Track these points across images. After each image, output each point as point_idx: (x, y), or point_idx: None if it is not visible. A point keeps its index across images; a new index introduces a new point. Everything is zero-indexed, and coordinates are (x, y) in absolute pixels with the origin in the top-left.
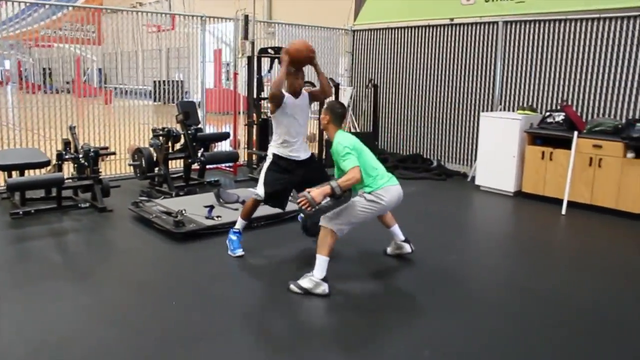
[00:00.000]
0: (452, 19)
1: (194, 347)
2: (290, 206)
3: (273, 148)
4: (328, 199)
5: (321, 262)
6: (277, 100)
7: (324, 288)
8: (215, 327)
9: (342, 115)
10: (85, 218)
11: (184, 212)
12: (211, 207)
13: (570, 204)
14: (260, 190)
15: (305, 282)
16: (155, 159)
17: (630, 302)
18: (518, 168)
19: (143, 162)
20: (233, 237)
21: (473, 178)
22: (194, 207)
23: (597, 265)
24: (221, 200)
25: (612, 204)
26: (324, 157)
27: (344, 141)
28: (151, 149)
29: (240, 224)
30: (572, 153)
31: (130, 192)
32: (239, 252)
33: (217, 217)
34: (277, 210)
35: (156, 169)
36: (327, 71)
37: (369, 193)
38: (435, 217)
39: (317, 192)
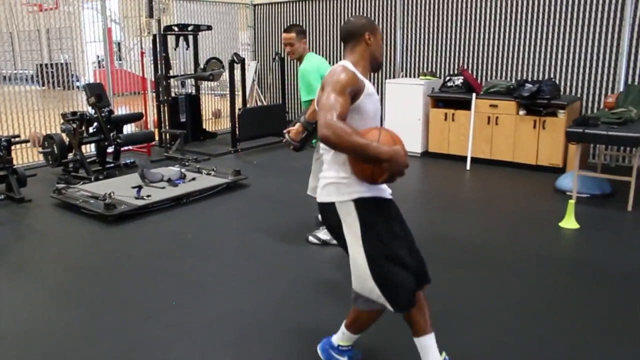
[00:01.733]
0: None
1: (158, 319)
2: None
3: (354, 188)
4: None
5: None
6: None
7: None
8: (171, 298)
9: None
10: (3, 210)
11: (112, 194)
12: (139, 187)
13: (473, 159)
14: (393, 294)
15: (323, 234)
16: (67, 144)
17: (530, 238)
18: (423, 130)
19: (55, 149)
20: (342, 357)
21: None
22: (119, 189)
23: (501, 210)
24: (146, 180)
25: (509, 157)
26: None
27: (314, 65)
28: (63, 134)
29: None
30: (472, 113)
31: (44, 181)
32: None
33: (147, 196)
34: (207, 185)
35: (69, 154)
36: (228, 46)
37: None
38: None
39: (294, 132)
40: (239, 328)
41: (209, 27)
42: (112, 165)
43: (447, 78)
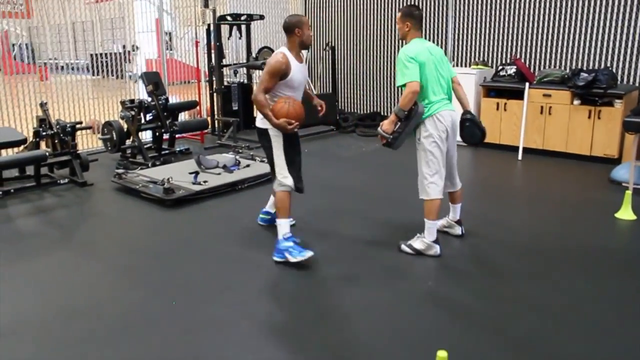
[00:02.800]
0: None
1: (220, 299)
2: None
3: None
4: (398, 124)
5: (430, 226)
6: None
7: (435, 250)
8: (234, 279)
9: (420, 17)
10: (68, 193)
11: (170, 179)
12: (196, 173)
13: (525, 150)
14: (285, 179)
15: (417, 244)
16: (126, 131)
17: (586, 229)
18: None
19: (114, 135)
20: (288, 243)
21: None
22: (177, 175)
23: (555, 200)
24: (202, 167)
25: (562, 148)
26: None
27: (410, 50)
28: (121, 121)
29: (285, 226)
30: (525, 103)
31: (104, 166)
32: (308, 253)
33: (204, 182)
34: (261, 172)
35: (127, 141)
36: (279, 36)
37: (419, 131)
38: (404, 169)
39: (386, 124)
40: (300, 308)
41: (262, 17)
42: (168, 151)
43: (500, 67)
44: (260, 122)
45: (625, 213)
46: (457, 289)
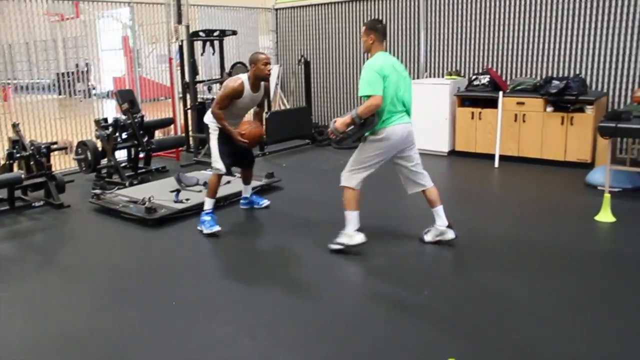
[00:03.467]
0: None
1: (217, 317)
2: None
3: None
4: (352, 126)
5: (351, 217)
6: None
7: (359, 238)
8: (228, 296)
9: (384, 31)
10: (44, 216)
11: (151, 198)
12: (178, 191)
13: (502, 157)
14: (219, 164)
15: (342, 239)
16: (100, 150)
17: (569, 232)
18: (450, 129)
19: (89, 155)
20: (206, 217)
21: None
22: (157, 194)
23: (535, 206)
24: (182, 184)
25: (537, 154)
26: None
27: (375, 63)
28: (96, 140)
29: (209, 203)
30: (499, 111)
31: (79, 187)
32: (216, 227)
33: (186, 199)
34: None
35: (102, 160)
36: (249, 51)
37: (372, 133)
38: (380, 180)
39: (340, 122)
40: (298, 324)
41: (234, 32)
42: (144, 170)
43: (473, 77)
44: (207, 118)
45: (605, 215)
46: (441, 294)
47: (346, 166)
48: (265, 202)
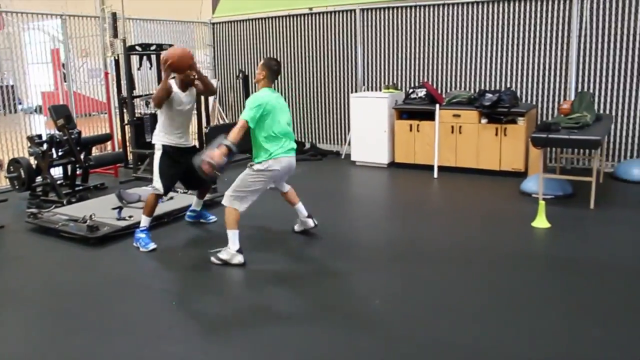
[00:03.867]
0: (310, 8)
1: (169, 335)
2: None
3: (161, 139)
4: (230, 154)
5: (232, 236)
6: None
7: (239, 259)
8: (178, 314)
9: (277, 73)
10: None
11: (92, 216)
12: (120, 208)
13: (440, 168)
14: (157, 184)
15: (223, 254)
16: (35, 167)
17: (507, 238)
18: (389, 141)
19: (22, 173)
20: (141, 234)
21: (347, 155)
22: (98, 211)
23: (473, 214)
24: (124, 202)
25: (473, 164)
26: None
27: (258, 99)
28: (30, 157)
29: (145, 221)
30: (436, 123)
31: (12, 206)
32: (152, 245)
33: (129, 216)
34: (186, 203)
35: (37, 178)
36: None
37: (259, 163)
38: (324, 193)
39: (217, 155)
40: (249, 340)
41: (171, 47)
42: (82, 187)
43: (410, 90)
44: (154, 137)
45: (541, 222)
46: (387, 302)
47: (230, 187)
48: (213, 218)
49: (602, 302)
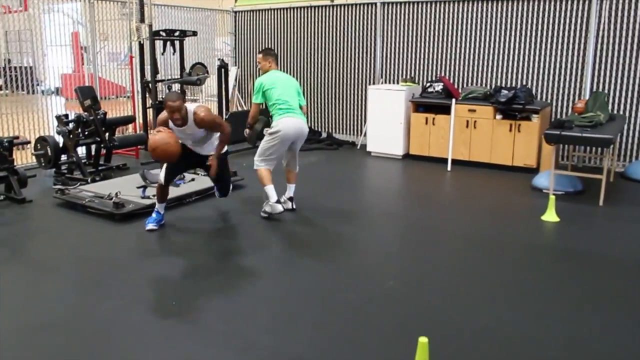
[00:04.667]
0: (332, 0)
1: (198, 304)
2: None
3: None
4: (249, 130)
5: (268, 190)
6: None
7: (279, 207)
8: (207, 287)
9: (275, 56)
10: (6, 211)
11: (118, 194)
12: (144, 187)
13: (453, 161)
14: (161, 175)
15: (266, 208)
16: (61, 146)
17: (517, 230)
18: (405, 133)
19: (49, 151)
20: (153, 215)
21: (363, 146)
22: (122, 189)
23: (486, 206)
24: (148, 181)
25: (487, 159)
26: None
27: (257, 82)
28: (57, 136)
29: (159, 207)
30: (452, 117)
31: (37, 182)
32: (151, 226)
33: (153, 195)
34: (205, 186)
35: (62, 156)
36: (206, 52)
37: (269, 127)
38: (339, 181)
39: (246, 133)
40: (272, 316)
41: (195, 33)
42: (105, 167)
43: (428, 84)
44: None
45: (550, 215)
46: (403, 284)
47: (257, 153)
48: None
49: (606, 292)
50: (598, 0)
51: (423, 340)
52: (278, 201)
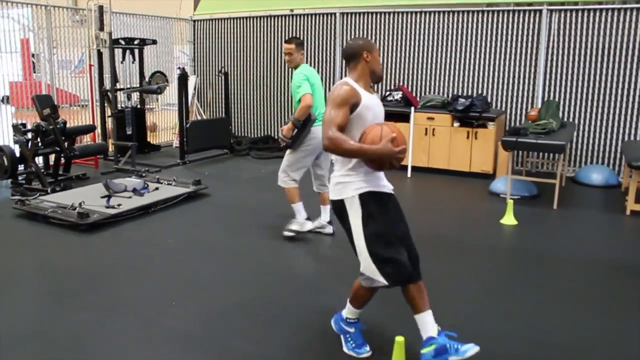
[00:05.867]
0: (291, 10)
1: (172, 313)
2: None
3: (352, 182)
4: (295, 129)
5: (298, 208)
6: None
7: (308, 225)
8: (178, 294)
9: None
10: None
11: (82, 204)
12: (109, 197)
13: (413, 168)
14: (378, 277)
15: (293, 226)
16: (19, 156)
17: (478, 233)
18: None
19: (5, 161)
20: (350, 329)
21: None
22: (84, 199)
23: (446, 211)
24: (111, 191)
25: (445, 165)
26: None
27: (306, 70)
28: (15, 146)
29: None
30: (411, 125)
31: None
32: (366, 351)
33: (118, 205)
34: (171, 194)
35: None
36: (164, 60)
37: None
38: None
39: (285, 129)
40: (249, 320)
41: (154, 41)
42: (65, 177)
43: (387, 93)
44: (336, 192)
45: (509, 219)
46: None
47: (281, 167)
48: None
49: (565, 288)
50: (548, 12)
51: (399, 339)
52: (308, 218)
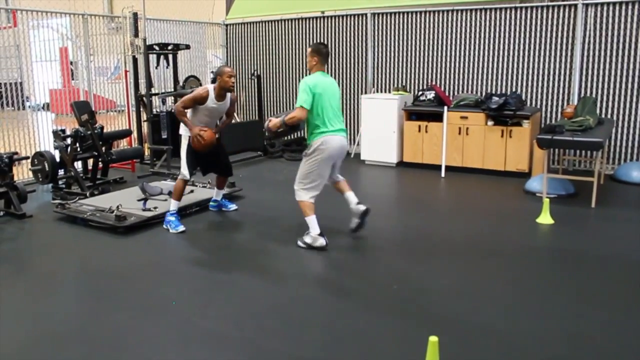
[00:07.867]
0: (323, 12)
1: (207, 313)
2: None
3: (187, 132)
4: (281, 129)
5: (310, 221)
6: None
7: (321, 241)
8: (213, 296)
9: (327, 55)
10: (7, 226)
11: (120, 207)
12: (145, 200)
13: (447, 168)
14: (185, 171)
15: (307, 238)
16: (59, 161)
17: (513, 232)
18: (398, 142)
19: (46, 166)
20: (171, 217)
21: (356, 154)
22: (122, 203)
23: (481, 210)
24: (147, 194)
25: (479, 164)
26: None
27: (306, 83)
28: (55, 151)
29: (174, 204)
30: (444, 125)
31: (36, 197)
32: (181, 227)
33: (154, 207)
34: (206, 197)
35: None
36: (197, 64)
37: (311, 143)
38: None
39: (272, 123)
40: (282, 322)
41: (188, 47)
42: (103, 181)
43: (420, 93)
44: (181, 129)
45: (545, 218)
46: (408, 288)
47: (296, 179)
48: (233, 206)
49: (603, 290)
50: (583, 7)
51: (433, 339)
52: (322, 234)
